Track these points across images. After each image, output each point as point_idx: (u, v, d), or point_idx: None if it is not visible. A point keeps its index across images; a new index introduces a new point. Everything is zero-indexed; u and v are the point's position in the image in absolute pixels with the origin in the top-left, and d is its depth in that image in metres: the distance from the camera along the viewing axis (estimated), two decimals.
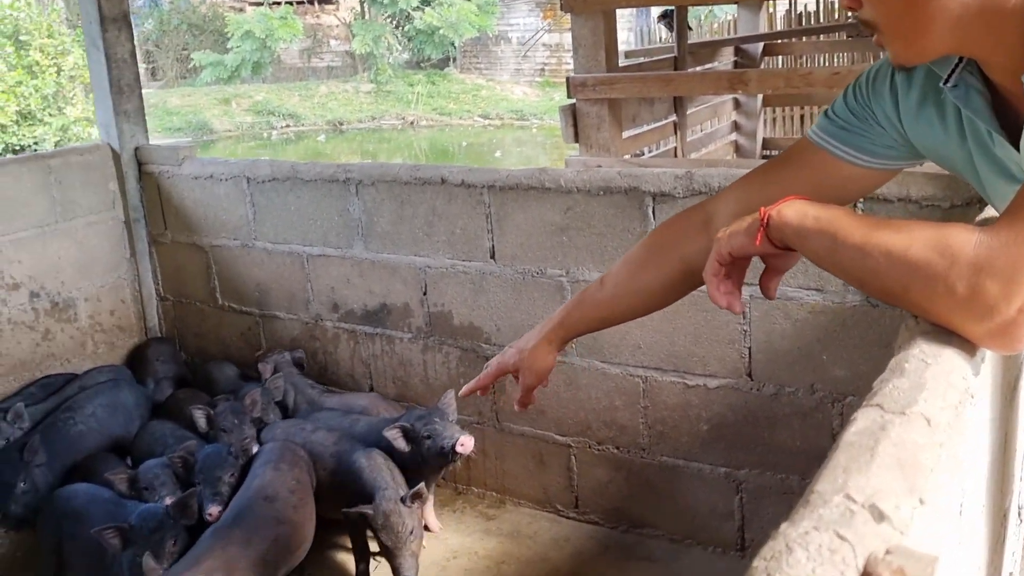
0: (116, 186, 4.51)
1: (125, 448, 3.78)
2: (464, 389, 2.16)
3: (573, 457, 3.50)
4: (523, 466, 3.64)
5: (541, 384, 2.01)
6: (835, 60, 11.70)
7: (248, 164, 4.10)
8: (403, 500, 2.97)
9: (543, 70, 26.05)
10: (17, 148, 14.88)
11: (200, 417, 3.51)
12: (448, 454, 3.07)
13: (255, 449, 3.34)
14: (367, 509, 2.97)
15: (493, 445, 3.67)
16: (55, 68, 15.97)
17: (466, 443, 3.06)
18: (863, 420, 1.08)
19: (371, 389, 3.97)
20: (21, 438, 3.67)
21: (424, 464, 3.16)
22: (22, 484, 3.43)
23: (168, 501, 2.94)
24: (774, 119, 11.70)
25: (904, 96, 1.49)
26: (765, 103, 9.14)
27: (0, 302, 4.14)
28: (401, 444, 3.12)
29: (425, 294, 3.69)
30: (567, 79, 5.64)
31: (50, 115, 15.84)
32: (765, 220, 1.40)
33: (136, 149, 4.47)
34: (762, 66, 8.93)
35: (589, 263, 3.24)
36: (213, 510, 2.92)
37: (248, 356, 4.34)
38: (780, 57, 10.14)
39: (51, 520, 3.10)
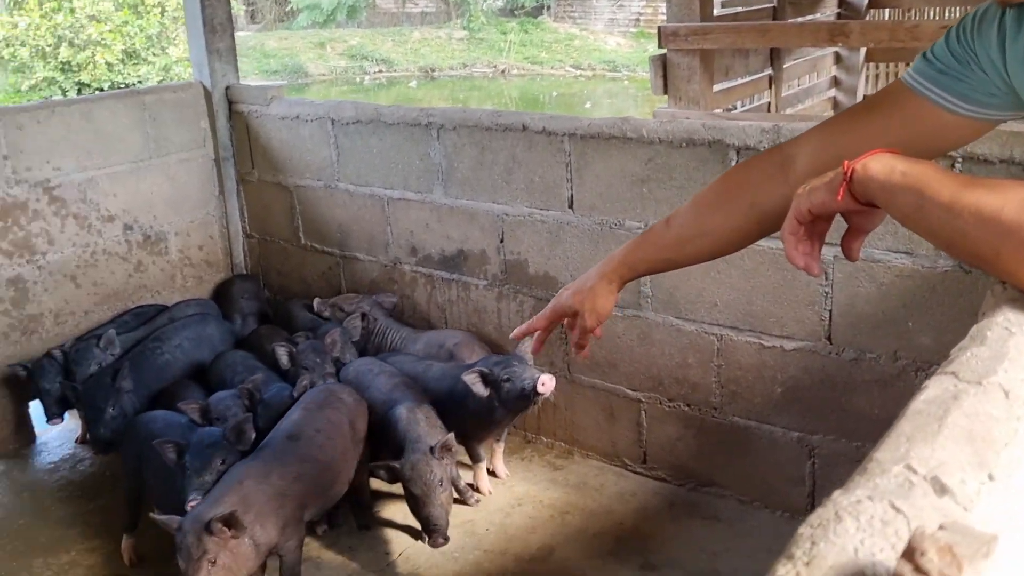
0: (207, 124, 4.61)
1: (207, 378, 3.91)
2: (517, 331, 2.11)
3: (643, 412, 3.46)
4: (592, 419, 3.63)
5: (598, 326, 1.97)
6: (946, 14, 11.08)
7: (333, 105, 4.13)
8: (431, 451, 2.98)
9: (638, 20, 25.45)
10: (121, 86, 15.34)
11: (283, 354, 3.60)
12: (529, 395, 3.06)
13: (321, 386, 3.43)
14: (394, 463, 3.00)
15: (564, 396, 3.67)
16: (159, 8, 16.36)
17: (547, 383, 3.05)
18: (935, 388, 1.02)
19: None
20: (112, 364, 3.83)
21: (501, 409, 3.17)
22: (111, 409, 3.59)
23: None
24: (876, 76, 11.19)
25: (1012, 40, 1.37)
26: (868, 58, 8.71)
27: (96, 233, 4.30)
28: (479, 388, 3.13)
29: (502, 242, 3.68)
30: (658, 28, 5.49)
31: (153, 55, 16.28)
32: (849, 174, 1.31)
33: (227, 88, 4.55)
34: (867, 18, 8.51)
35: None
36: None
37: (328, 296, 4.42)
38: (887, 10, 9.64)
39: (133, 444, 3.24)
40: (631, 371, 3.44)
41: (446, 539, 2.92)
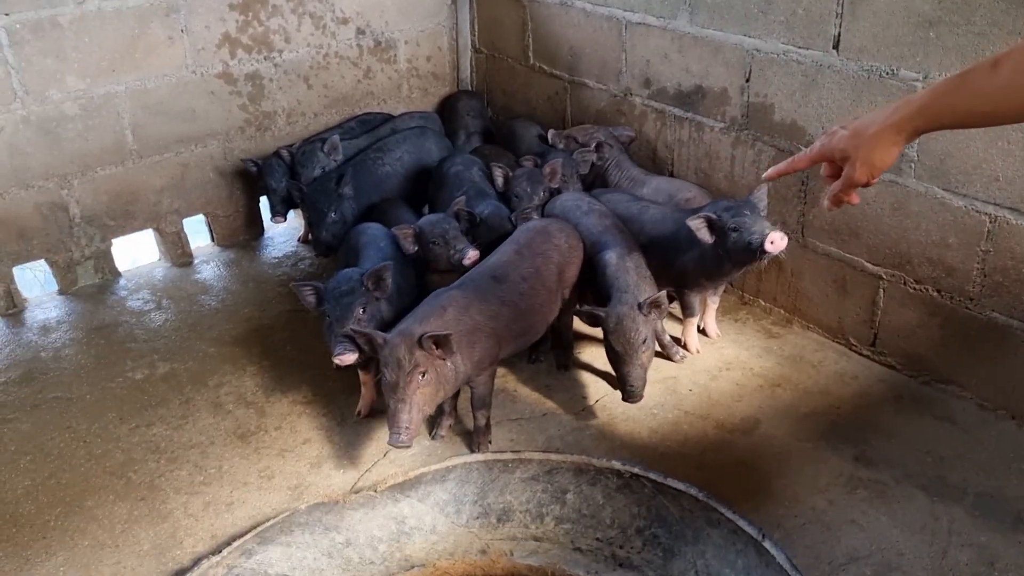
0: None
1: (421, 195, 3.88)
2: (771, 171, 1.82)
3: (882, 290, 3.09)
4: (821, 289, 3.29)
5: (869, 182, 1.66)
6: None
7: None
8: (639, 306, 2.79)
9: None
10: None
11: (499, 176, 3.48)
12: (755, 251, 2.77)
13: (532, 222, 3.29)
14: (600, 311, 2.83)
15: (792, 259, 3.34)
16: None
17: (777, 240, 2.73)
18: None
19: (670, 175, 3.72)
20: (335, 170, 3.87)
21: (724, 261, 2.92)
22: (332, 214, 3.65)
23: (470, 255, 3.01)
24: None
25: None
26: None
27: (330, 35, 4.27)
28: (704, 235, 2.88)
29: (747, 81, 3.28)
30: None
31: None
32: None
33: None
34: None
35: (957, 69, 2.66)
36: (472, 255, 3.01)
37: (552, 121, 4.22)
38: None
39: (346, 251, 3.28)
40: (875, 243, 3.04)
41: (640, 398, 2.81)
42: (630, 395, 2.79)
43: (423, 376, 2.47)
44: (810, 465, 2.69)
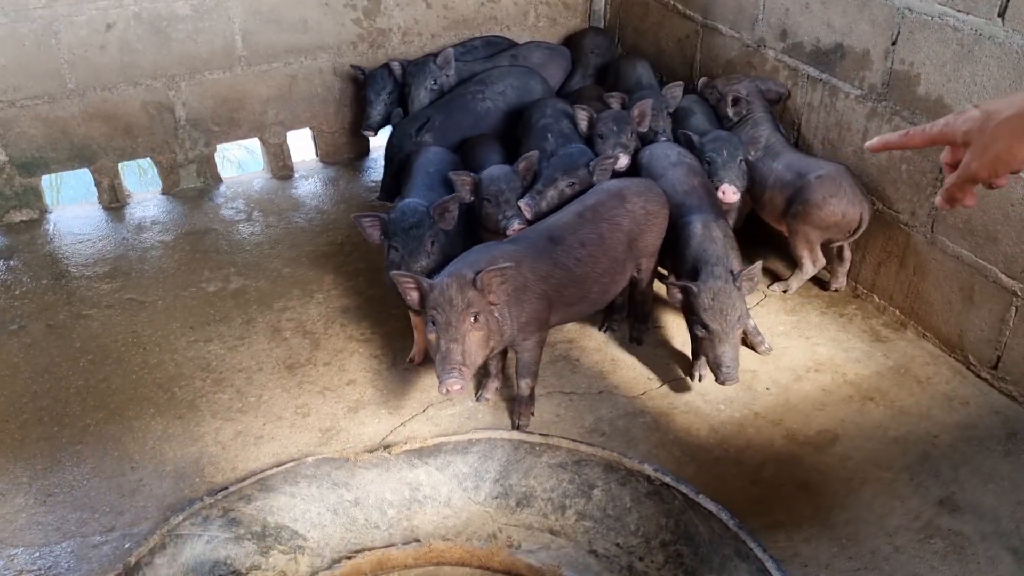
0: None
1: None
2: (877, 140, 1.47)
3: (1014, 308, 2.63)
4: (943, 295, 2.86)
5: (993, 181, 1.32)
6: None
7: None
8: (734, 277, 2.51)
9: None
10: None
11: (582, 118, 3.19)
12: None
13: (622, 164, 2.99)
14: (691, 285, 2.53)
15: (915, 256, 2.91)
16: None
17: (728, 193, 2.88)
18: None
19: (795, 144, 3.31)
20: (422, 111, 3.66)
21: None
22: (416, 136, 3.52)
23: (515, 226, 2.78)
24: None
25: None
26: None
27: None
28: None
29: (894, 44, 2.82)
30: None
31: None
32: None
33: None
34: None
35: None
36: (517, 227, 2.78)
37: (679, 68, 3.86)
38: None
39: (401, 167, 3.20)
40: (1016, 252, 2.58)
41: (737, 380, 2.54)
42: (726, 377, 2.52)
43: (475, 318, 2.32)
44: (884, 500, 2.35)
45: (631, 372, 2.86)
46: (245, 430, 2.65)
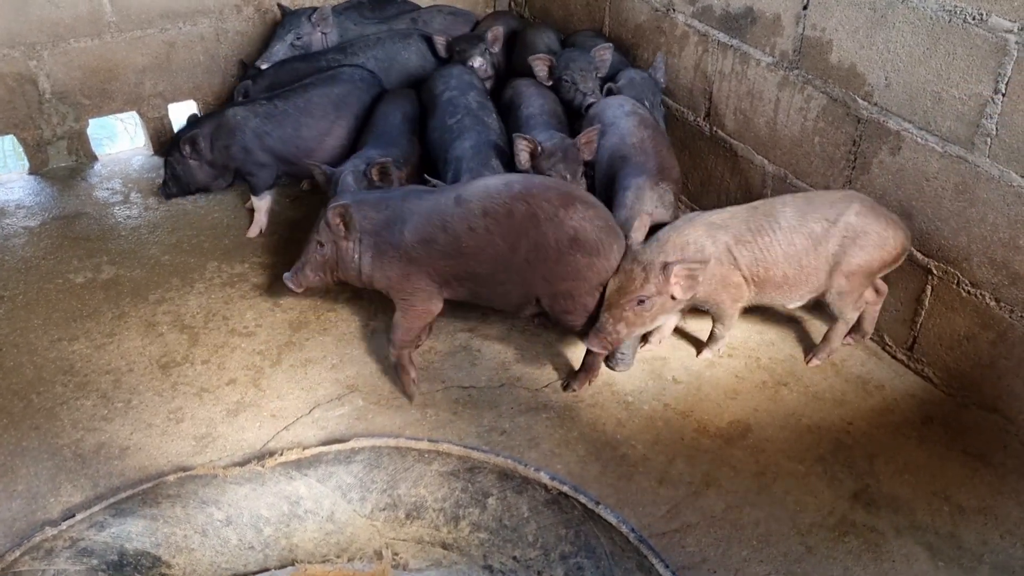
0: None
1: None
2: None
3: (929, 287, 2.52)
4: None
5: None
6: None
7: None
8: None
9: None
10: None
11: (541, 70, 3.24)
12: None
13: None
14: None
15: None
16: None
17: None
18: None
19: (707, 114, 3.15)
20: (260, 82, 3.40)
21: None
22: (181, 152, 3.30)
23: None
24: None
25: None
26: None
27: None
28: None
29: (805, 8, 2.67)
30: None
31: None
32: None
33: None
34: None
35: None
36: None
37: (585, 30, 3.66)
38: None
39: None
40: (929, 229, 2.47)
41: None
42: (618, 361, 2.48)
43: (322, 246, 2.51)
44: (796, 495, 2.22)
45: (535, 365, 2.67)
46: (109, 441, 2.40)
